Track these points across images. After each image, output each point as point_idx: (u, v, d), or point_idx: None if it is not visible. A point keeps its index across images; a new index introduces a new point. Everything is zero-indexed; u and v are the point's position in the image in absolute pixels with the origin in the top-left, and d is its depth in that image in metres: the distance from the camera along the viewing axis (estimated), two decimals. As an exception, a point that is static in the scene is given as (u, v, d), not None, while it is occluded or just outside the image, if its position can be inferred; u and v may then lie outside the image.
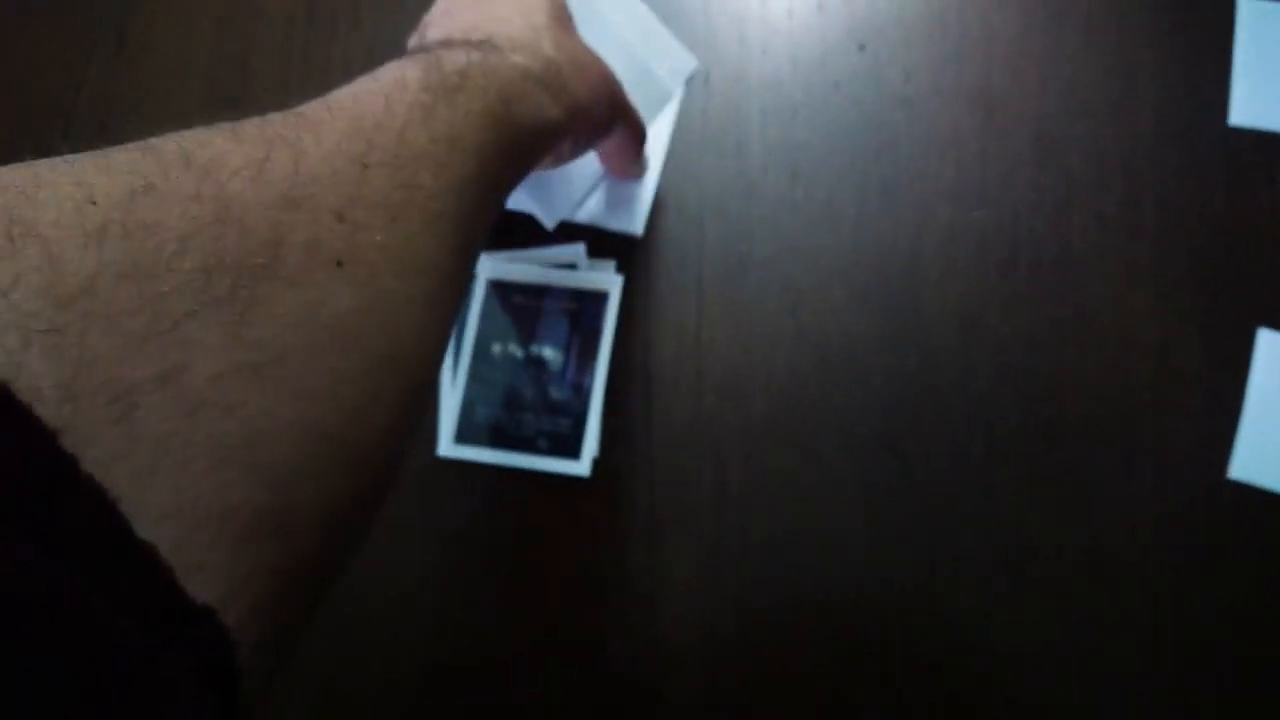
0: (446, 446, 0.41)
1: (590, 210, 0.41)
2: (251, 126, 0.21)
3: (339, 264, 0.20)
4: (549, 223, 0.39)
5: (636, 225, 0.41)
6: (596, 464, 0.40)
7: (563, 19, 0.33)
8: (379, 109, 0.24)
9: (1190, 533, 0.38)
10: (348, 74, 0.47)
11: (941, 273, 0.41)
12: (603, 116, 0.34)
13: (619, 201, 0.41)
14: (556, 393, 0.41)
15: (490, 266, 0.42)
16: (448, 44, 0.30)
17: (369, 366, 0.21)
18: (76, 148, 0.18)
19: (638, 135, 0.38)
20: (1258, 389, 0.39)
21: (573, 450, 0.40)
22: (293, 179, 0.20)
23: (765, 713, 0.38)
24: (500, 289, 0.42)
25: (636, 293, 0.42)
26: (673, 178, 0.43)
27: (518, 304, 0.42)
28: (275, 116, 0.22)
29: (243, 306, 0.18)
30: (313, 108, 0.24)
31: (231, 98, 0.45)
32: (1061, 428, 0.39)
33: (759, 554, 0.39)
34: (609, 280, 0.42)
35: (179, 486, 0.16)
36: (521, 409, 0.41)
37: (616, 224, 0.41)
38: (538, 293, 0.42)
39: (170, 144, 0.19)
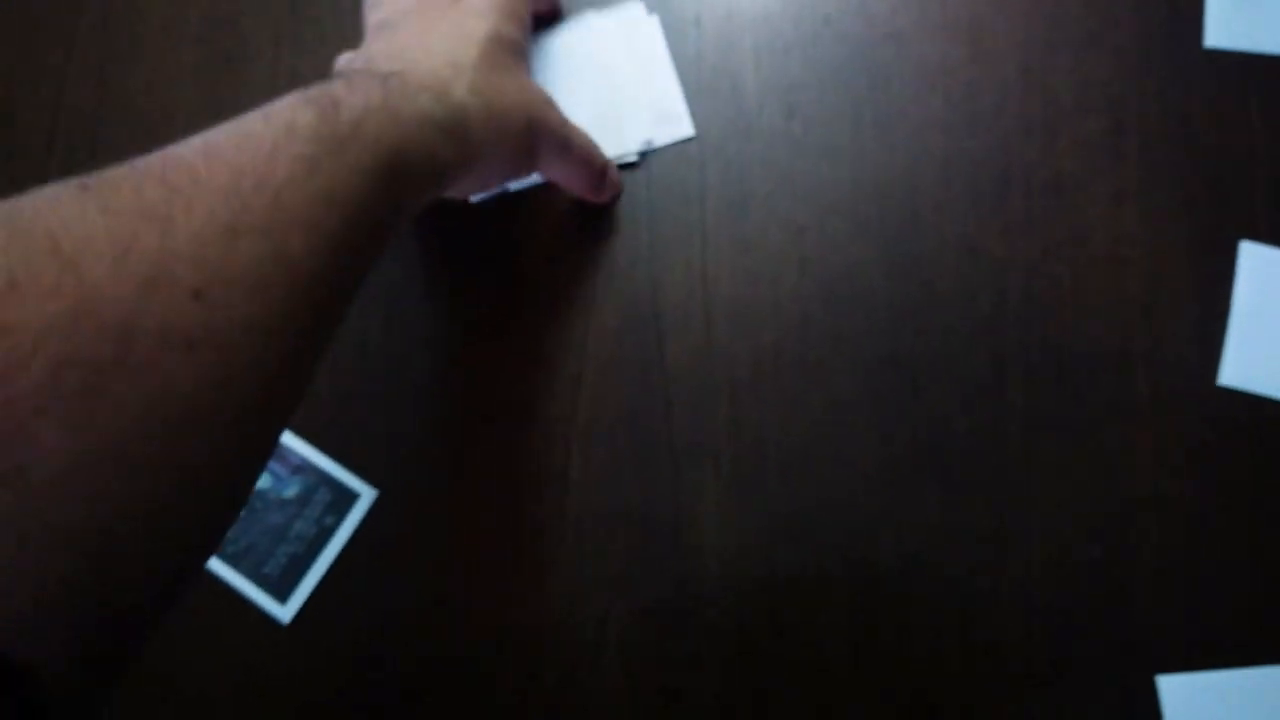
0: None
1: None
2: (126, 193, 0.21)
3: (190, 347, 0.20)
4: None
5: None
6: (612, 402, 0.41)
7: (496, 55, 0.33)
8: (260, 163, 0.23)
9: (1185, 436, 0.40)
10: (340, 32, 0.47)
11: (939, 202, 0.42)
12: (517, 161, 0.34)
13: None
14: None
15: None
16: (361, 74, 0.29)
17: (213, 436, 0.21)
18: (73, 116, 0.18)
19: (590, 172, 0.39)
20: (1242, 299, 0.40)
21: None
22: (156, 260, 0.20)
23: (794, 631, 0.39)
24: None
25: (640, 236, 0.43)
26: (671, 119, 0.43)
27: None
28: (154, 169, 0.22)
29: (90, 400, 0.18)
30: (192, 155, 0.23)
31: (227, 57, 0.45)
32: (1060, 344, 0.41)
33: (777, 479, 0.40)
34: None
35: (11, 565, 0.17)
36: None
37: None
38: None
39: (40, 224, 0.19)
